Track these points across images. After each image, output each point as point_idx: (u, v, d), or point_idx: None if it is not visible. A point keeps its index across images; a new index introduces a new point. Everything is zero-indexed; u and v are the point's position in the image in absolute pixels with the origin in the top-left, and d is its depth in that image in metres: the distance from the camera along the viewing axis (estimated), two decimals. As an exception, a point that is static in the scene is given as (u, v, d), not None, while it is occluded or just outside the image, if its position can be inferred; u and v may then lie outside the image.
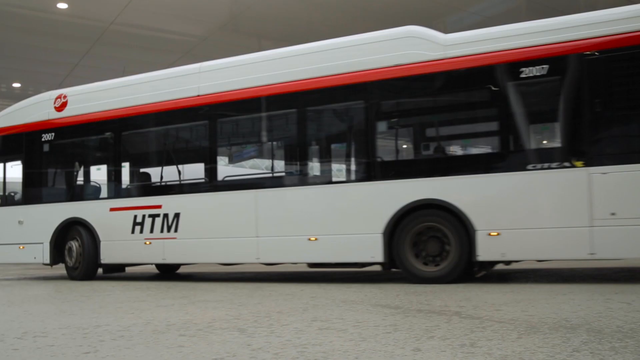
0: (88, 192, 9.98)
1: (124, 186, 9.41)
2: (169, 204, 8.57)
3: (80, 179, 10.12)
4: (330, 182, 7.92)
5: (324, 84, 7.60)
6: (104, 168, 9.71)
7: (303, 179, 7.87)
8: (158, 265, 10.51)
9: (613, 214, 6.03)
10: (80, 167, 10.15)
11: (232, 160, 8.90)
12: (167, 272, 10.73)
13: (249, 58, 8.50)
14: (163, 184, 9.09)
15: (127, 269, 10.71)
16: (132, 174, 9.70)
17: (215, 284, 7.84)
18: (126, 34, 14.92)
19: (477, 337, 3.38)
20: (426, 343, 3.25)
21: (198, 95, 8.48)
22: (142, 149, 9.78)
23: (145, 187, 9.35)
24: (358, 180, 7.52)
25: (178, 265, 10.37)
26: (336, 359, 2.94)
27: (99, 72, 18.14)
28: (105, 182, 9.58)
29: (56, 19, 13.64)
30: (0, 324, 4.64)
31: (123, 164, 9.40)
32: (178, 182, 8.96)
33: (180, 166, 8.97)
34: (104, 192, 9.60)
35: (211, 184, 8.37)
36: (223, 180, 8.41)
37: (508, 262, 7.11)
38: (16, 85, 19.72)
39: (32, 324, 4.49)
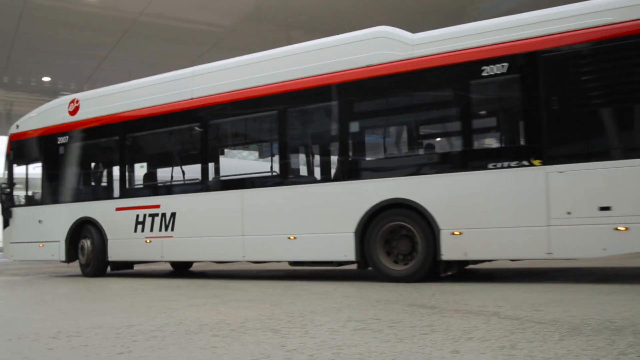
0: (97, 193, 10.73)
1: (127, 187, 9.90)
2: (166, 203, 9.13)
3: (90, 180, 10.91)
4: (307, 182, 8.23)
5: (302, 86, 7.90)
6: (110, 169, 10.68)
7: (282, 180, 8.13)
8: (172, 263, 10.88)
9: (569, 213, 6.11)
10: (90, 168, 10.90)
11: (220, 161, 9.30)
12: (181, 270, 11.12)
13: (235, 62, 8.89)
14: (161, 184, 9.87)
15: (136, 267, 11.13)
16: (135, 175, 10.18)
17: (246, 282, 7.91)
18: (154, 26, 15.09)
19: (517, 338, 3.36)
20: (465, 345, 3.25)
21: (192, 99, 9.02)
22: (142, 151, 10.39)
23: (146, 188, 9.96)
24: (331, 180, 7.89)
25: (190, 263, 10.68)
26: (372, 361, 2.96)
27: (127, 65, 18.40)
28: (112, 183, 10.51)
29: (85, 11, 13.87)
30: (33, 322, 4.76)
31: (127, 165, 9.98)
32: (174, 183, 9.50)
33: (176, 167, 9.54)
34: (110, 193, 10.40)
35: (203, 184, 8.85)
36: (213, 181, 8.90)
37: (475, 262, 7.27)
38: (46, 79, 20.10)
39: (65, 323, 4.60)
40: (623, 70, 6.18)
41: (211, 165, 9.02)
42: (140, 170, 10.35)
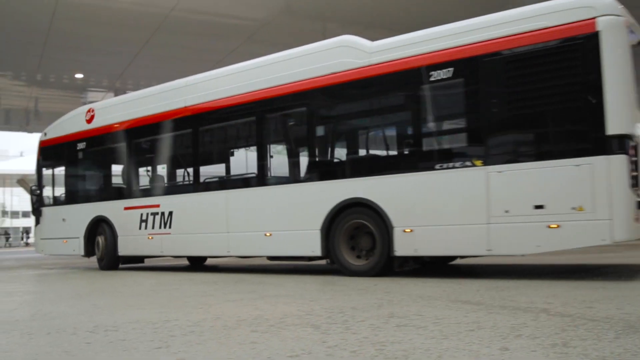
0: (109, 194, 11.68)
1: (133, 188, 11.09)
2: (165, 203, 10.17)
3: (104, 182, 12.12)
4: (278, 184, 8.85)
5: (273, 94, 8.68)
6: (120, 172, 11.57)
7: (259, 181, 8.89)
8: (189, 258, 11.73)
9: (507, 211, 6.47)
10: (104, 171, 12.10)
11: (209, 164, 10.35)
12: (196, 264, 11.96)
13: (218, 73, 9.84)
14: (161, 185, 11.09)
15: (146, 261, 12.25)
16: (140, 177, 11.40)
17: (282, 278, 7.92)
18: (186, 21, 15.15)
19: (569, 336, 3.27)
20: (514, 342, 3.17)
21: (185, 107, 9.98)
22: (144, 155, 11.40)
23: (148, 189, 11.13)
24: (300, 181, 8.50)
25: (205, 258, 11.35)
26: (418, 358, 2.90)
27: (159, 61, 18.60)
28: (122, 184, 11.51)
29: (117, 7, 14.00)
30: (70, 316, 4.84)
31: (132, 168, 11.18)
32: (171, 185, 10.95)
33: (173, 169, 10.98)
34: (120, 194, 11.33)
35: (194, 185, 9.91)
36: (203, 182, 9.84)
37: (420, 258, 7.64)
38: (79, 76, 20.39)
39: (102, 318, 4.66)
40: (554, 73, 6.47)
41: (201, 168, 10.00)
42: (144, 172, 11.61)
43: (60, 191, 12.65)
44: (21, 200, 67.55)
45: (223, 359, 3.05)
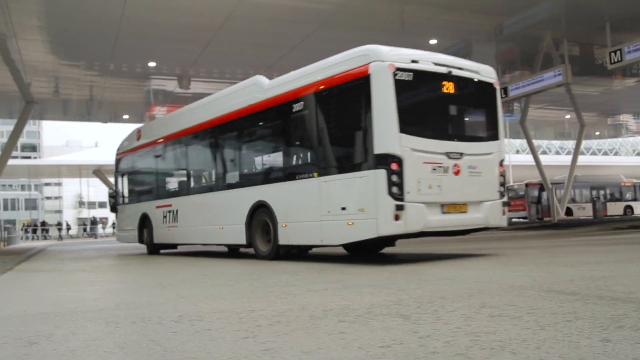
0: (149, 195, 15.38)
1: (160, 191, 14.88)
2: (174, 203, 13.72)
3: (146, 186, 15.84)
4: (223, 189, 11.86)
5: (210, 125, 12.27)
6: (153, 178, 15.35)
7: (213, 187, 12.36)
8: (227, 245, 13.88)
9: (329, 211, 8.83)
10: (146, 177, 15.80)
11: (191, 174, 13.82)
12: (233, 252, 14.01)
13: (189, 107, 14.01)
14: (172, 189, 14.50)
15: (179, 248, 15.56)
16: (164, 182, 15.03)
17: (365, 267, 7.96)
18: (260, 6, 15.31)
19: (678, 328, 3.19)
20: (615, 333, 3.12)
21: (173, 133, 13.98)
22: (165, 165, 14.75)
23: (167, 192, 14.59)
24: (235, 187, 11.48)
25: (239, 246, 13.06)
26: (515, 349, 2.90)
27: (233, 47, 18.87)
28: (155, 188, 15.18)
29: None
30: (155, 306, 5.06)
31: (160, 175, 15.01)
32: (175, 189, 14.27)
33: (178, 177, 14.33)
34: (155, 195, 14.97)
35: (187, 190, 13.54)
36: (189, 188, 13.54)
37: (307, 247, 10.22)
38: (152, 64, 20.93)
39: (186, 308, 4.83)
40: (348, 106, 8.75)
41: (191, 177, 13.71)
42: (164, 179, 15.10)
43: (126, 193, 16.84)
44: (97, 190, 70.43)
45: (312, 349, 3.12)
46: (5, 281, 8.31)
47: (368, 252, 11.02)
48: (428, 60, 8.72)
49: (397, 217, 7.97)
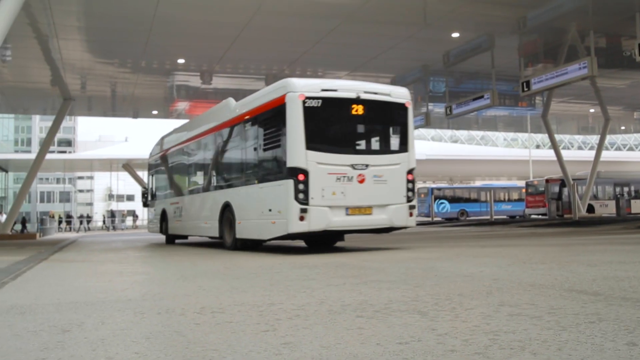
0: (166, 194, 17.91)
1: (172, 190, 17.28)
2: (179, 201, 16.21)
3: (164, 186, 18.33)
4: (207, 191, 14.07)
5: (199, 137, 14.74)
6: (168, 179, 17.91)
7: (201, 189, 14.66)
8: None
9: (262, 212, 10.66)
10: (165, 179, 18.26)
11: (189, 178, 16.18)
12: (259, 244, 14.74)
13: (184, 124, 17.49)
14: (178, 189, 16.72)
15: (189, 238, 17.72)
16: (173, 184, 17.37)
17: (383, 263, 7.88)
18: (284, 2, 15.27)
19: None
20: (641, 336, 2.99)
21: (174, 145, 17.20)
22: (174, 169, 17.26)
23: (176, 191, 16.97)
24: (213, 190, 13.64)
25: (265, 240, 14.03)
26: (535, 349, 2.79)
27: (259, 42, 18.85)
28: (169, 188, 17.65)
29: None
30: (178, 298, 5.04)
31: (172, 178, 17.52)
32: (180, 189, 16.60)
33: (181, 180, 16.66)
34: (169, 194, 17.49)
35: (186, 190, 15.94)
36: (186, 189, 15.97)
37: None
38: (180, 61, 21.04)
39: (208, 300, 4.80)
40: (273, 128, 10.53)
41: (188, 180, 16.05)
42: (175, 181, 17.34)
43: (153, 192, 19.61)
44: (126, 184, 71.15)
45: (331, 344, 3.06)
46: (41, 270, 8.40)
47: (323, 245, 12.52)
48: (339, 87, 10.28)
49: (302, 218, 9.62)
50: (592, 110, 33.43)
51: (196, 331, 3.52)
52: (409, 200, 10.43)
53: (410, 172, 10.52)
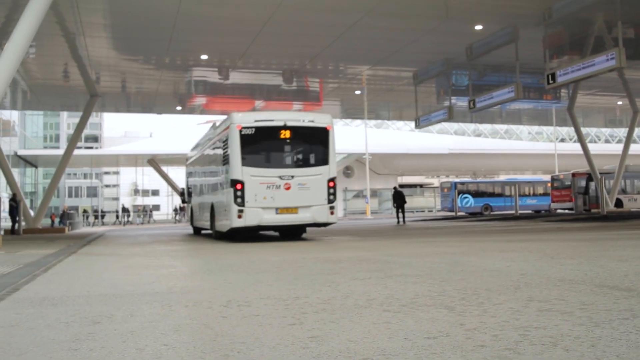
0: (191, 194, 20.99)
1: (195, 192, 20.08)
2: (198, 201, 18.94)
3: (191, 188, 21.13)
4: (206, 194, 17.02)
5: (202, 149, 18.27)
6: (193, 182, 20.87)
7: (204, 192, 17.63)
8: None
9: (225, 210, 13.47)
10: (192, 182, 20.96)
11: (200, 182, 19.14)
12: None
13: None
14: (197, 191, 19.48)
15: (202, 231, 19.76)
16: (195, 186, 20.14)
17: (408, 257, 7.82)
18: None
19: None
20: (677, 333, 2.90)
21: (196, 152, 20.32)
22: (194, 174, 20.42)
23: (196, 192, 19.67)
24: (207, 194, 16.67)
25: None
26: (567, 346, 2.72)
27: (280, 38, 18.82)
28: (194, 189, 20.59)
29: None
30: (205, 291, 5.05)
31: (194, 181, 20.44)
32: (198, 191, 19.28)
33: (198, 183, 19.41)
34: (194, 194, 20.32)
35: (199, 193, 18.85)
36: (199, 191, 18.96)
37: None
38: (204, 57, 21.08)
39: (234, 293, 4.80)
40: (226, 149, 13.58)
41: (199, 184, 19.03)
42: (192, 185, 20.94)
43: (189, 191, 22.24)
44: (151, 179, 71.72)
45: (358, 338, 3.02)
46: (70, 263, 8.50)
47: (292, 236, 14.74)
48: (269, 119, 13.41)
49: (239, 216, 12.86)
50: (620, 103, 32.79)
51: (223, 324, 3.52)
52: (330, 202, 13.28)
53: (331, 180, 13.37)
